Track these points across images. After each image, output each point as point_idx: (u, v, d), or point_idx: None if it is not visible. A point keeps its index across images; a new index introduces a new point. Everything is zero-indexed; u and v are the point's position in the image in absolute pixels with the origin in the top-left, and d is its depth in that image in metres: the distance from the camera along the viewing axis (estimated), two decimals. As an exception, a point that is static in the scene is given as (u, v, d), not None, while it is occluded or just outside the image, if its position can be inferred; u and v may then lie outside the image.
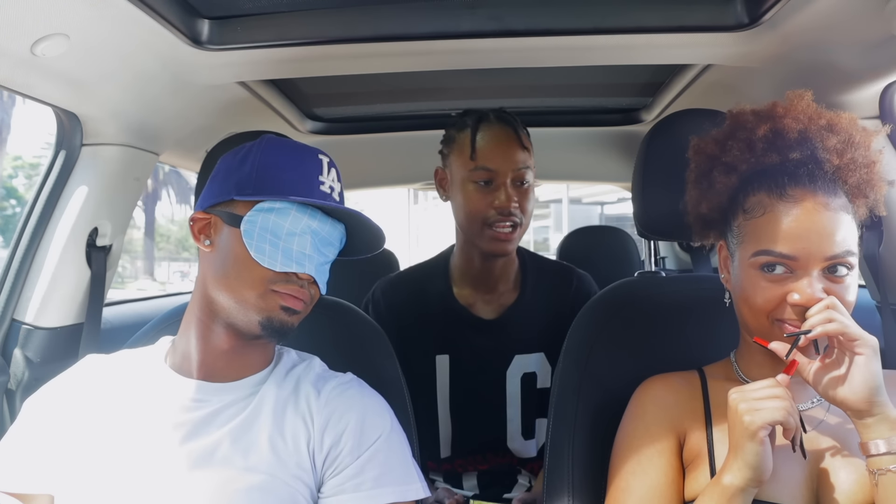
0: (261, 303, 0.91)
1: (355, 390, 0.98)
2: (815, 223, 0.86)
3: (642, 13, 1.26)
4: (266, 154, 0.95)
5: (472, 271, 1.54)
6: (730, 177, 0.96)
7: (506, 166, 1.42)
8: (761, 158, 0.94)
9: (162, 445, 0.90)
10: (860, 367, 0.81)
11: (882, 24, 1.02)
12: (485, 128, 1.46)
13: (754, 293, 0.89)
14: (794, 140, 0.92)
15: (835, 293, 0.85)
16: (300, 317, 0.95)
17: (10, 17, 0.95)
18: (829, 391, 0.83)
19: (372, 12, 1.27)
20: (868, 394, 0.80)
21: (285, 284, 0.91)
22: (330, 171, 0.97)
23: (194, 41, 1.27)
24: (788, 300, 0.86)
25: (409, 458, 0.96)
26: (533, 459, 1.58)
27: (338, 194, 0.98)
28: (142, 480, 0.88)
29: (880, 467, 0.80)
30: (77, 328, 1.43)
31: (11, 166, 5.02)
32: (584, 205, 15.13)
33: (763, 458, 0.80)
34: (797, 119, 0.93)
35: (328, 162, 0.98)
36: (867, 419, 0.81)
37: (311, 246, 0.93)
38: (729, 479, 0.82)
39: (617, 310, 1.21)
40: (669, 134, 1.25)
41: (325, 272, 0.97)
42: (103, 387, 0.96)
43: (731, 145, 0.96)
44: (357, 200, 18.36)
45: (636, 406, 1.01)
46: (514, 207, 1.41)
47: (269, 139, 0.98)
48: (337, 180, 0.99)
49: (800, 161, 0.91)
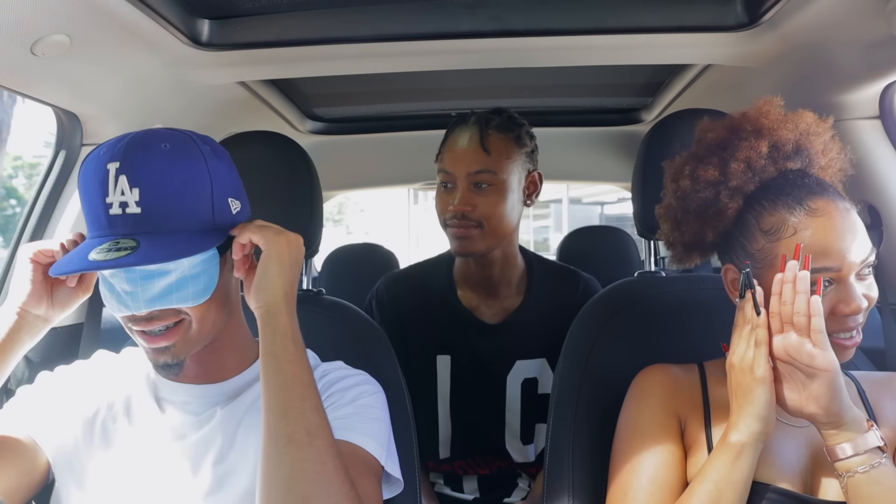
0: (139, 344, 0.88)
1: (347, 369, 1.00)
2: (847, 229, 0.85)
3: (642, 13, 1.26)
4: (78, 184, 0.86)
5: (470, 274, 1.53)
6: (736, 200, 0.93)
7: (460, 169, 1.40)
8: (761, 175, 0.92)
9: (156, 448, 0.91)
10: (824, 387, 0.80)
11: (882, 24, 1.02)
12: (455, 131, 1.45)
13: None
14: (790, 151, 0.91)
15: (868, 295, 0.86)
16: (181, 349, 0.87)
17: (10, 17, 0.95)
18: (796, 410, 0.83)
19: (372, 12, 1.28)
20: (833, 407, 0.80)
21: (138, 324, 0.85)
22: (118, 182, 0.79)
23: (194, 41, 1.27)
24: (837, 312, 0.85)
25: (387, 430, 0.95)
26: (532, 464, 1.57)
27: (136, 202, 0.79)
28: (137, 477, 0.89)
29: (848, 469, 0.80)
30: (77, 328, 1.43)
31: (11, 166, 5.02)
32: (584, 205, 15.13)
33: (771, 404, 0.82)
34: (790, 129, 0.91)
35: (116, 169, 0.79)
36: (833, 429, 0.81)
37: (128, 282, 0.82)
38: (736, 437, 0.83)
39: (617, 310, 1.21)
40: (669, 134, 1.25)
41: (166, 298, 0.82)
42: (107, 383, 0.98)
43: (735, 168, 0.92)
44: (357, 200, 18.38)
45: (637, 391, 1.01)
46: (469, 211, 1.39)
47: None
48: (130, 186, 0.79)
49: (800, 171, 0.90)
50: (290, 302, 0.84)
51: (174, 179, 0.81)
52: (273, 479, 0.76)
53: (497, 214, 1.40)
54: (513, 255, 1.52)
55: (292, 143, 1.28)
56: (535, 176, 1.49)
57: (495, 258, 1.48)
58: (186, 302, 0.84)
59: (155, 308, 0.82)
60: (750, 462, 0.83)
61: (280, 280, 0.83)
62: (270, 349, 0.82)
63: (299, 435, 0.77)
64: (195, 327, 0.86)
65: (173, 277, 0.82)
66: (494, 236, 1.42)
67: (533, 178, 1.48)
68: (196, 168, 0.83)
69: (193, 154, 0.83)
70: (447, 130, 1.48)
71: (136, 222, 0.79)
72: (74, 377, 0.99)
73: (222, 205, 0.85)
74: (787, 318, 0.81)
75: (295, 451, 0.76)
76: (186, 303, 0.84)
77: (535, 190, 1.50)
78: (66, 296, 0.90)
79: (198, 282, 0.84)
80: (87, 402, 0.95)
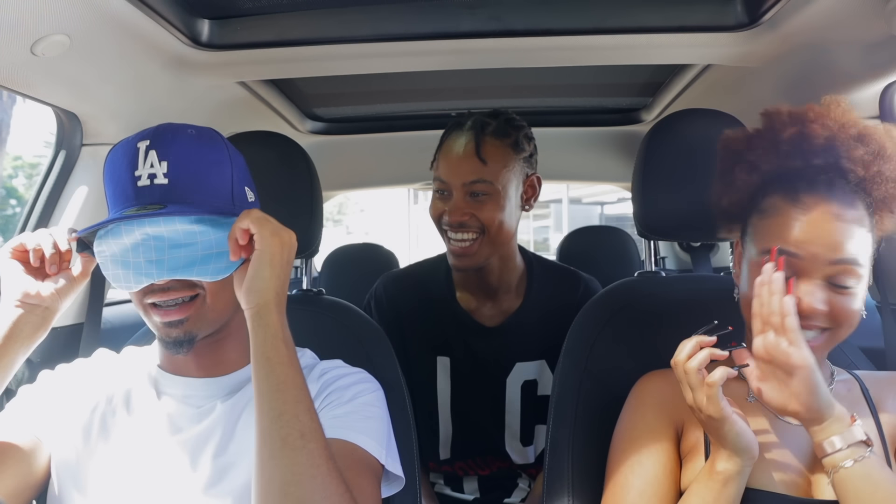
0: (149, 320, 0.91)
1: (346, 367, 1.01)
2: (822, 230, 0.86)
3: (642, 13, 1.26)
4: (104, 171, 0.91)
5: (468, 279, 1.52)
6: (751, 175, 0.95)
7: (455, 179, 1.38)
8: (784, 161, 0.92)
9: (156, 438, 0.92)
10: (801, 383, 0.81)
11: (882, 25, 1.02)
12: (450, 136, 1.42)
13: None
14: (819, 146, 0.90)
15: (837, 305, 0.86)
16: (194, 324, 0.89)
17: (10, 17, 0.95)
18: (781, 408, 0.84)
19: (372, 12, 1.28)
20: (813, 403, 0.81)
21: (153, 295, 0.88)
22: (148, 156, 0.85)
23: (194, 41, 1.27)
24: (799, 307, 0.85)
25: (386, 428, 0.96)
26: (532, 464, 1.57)
27: (164, 174, 0.85)
28: (137, 470, 0.89)
29: (834, 465, 0.81)
30: (77, 328, 1.43)
31: (11, 166, 5.02)
32: (584, 205, 15.13)
33: (745, 433, 0.83)
34: (825, 125, 0.90)
35: (147, 146, 0.86)
36: (816, 425, 0.83)
37: (155, 251, 0.85)
38: (723, 465, 0.84)
39: (617, 310, 1.21)
40: (669, 134, 1.25)
41: (189, 269, 0.86)
42: (108, 380, 0.99)
43: (756, 144, 0.95)
44: (357, 200, 18.37)
45: (635, 399, 1.02)
46: (467, 220, 1.37)
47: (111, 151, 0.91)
48: (159, 159, 0.85)
49: (821, 168, 0.90)
50: (281, 303, 0.83)
51: (200, 159, 0.87)
52: (269, 483, 0.76)
53: (495, 223, 1.38)
54: (510, 258, 1.50)
55: (292, 143, 1.28)
56: (533, 180, 1.46)
57: (493, 266, 1.47)
58: (206, 276, 0.86)
59: (176, 276, 0.85)
60: (738, 486, 0.84)
61: (272, 282, 0.82)
62: (262, 350, 0.81)
63: (293, 438, 0.77)
64: (208, 303, 0.89)
65: (199, 251, 0.85)
66: (493, 244, 1.40)
67: (531, 183, 1.45)
68: (219, 153, 0.90)
69: (217, 142, 0.90)
70: (443, 135, 1.45)
71: (163, 192, 0.84)
72: (75, 374, 1.00)
73: (240, 191, 0.91)
74: (766, 318, 0.83)
75: (289, 454, 0.76)
76: (206, 276, 0.86)
77: (534, 194, 1.47)
78: (65, 282, 0.91)
79: (220, 259, 0.86)
80: (88, 398, 0.96)
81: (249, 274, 0.82)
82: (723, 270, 1.42)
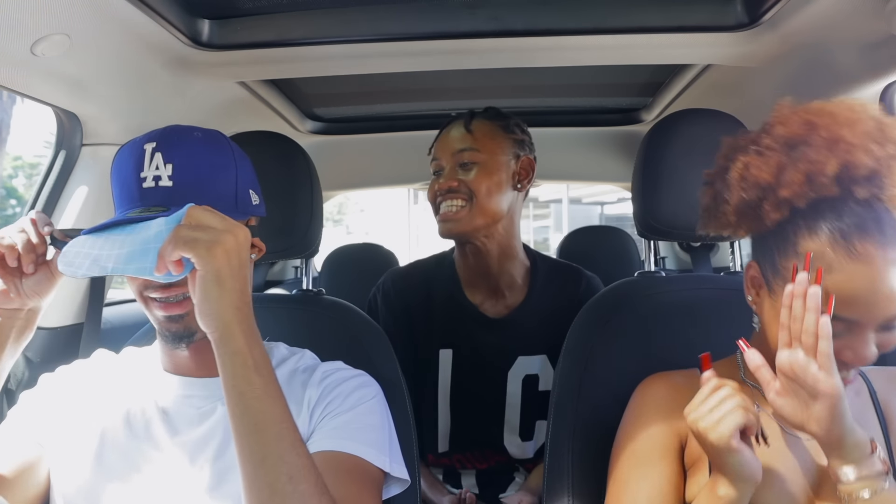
0: (150, 314, 0.90)
1: (348, 370, 1.00)
2: (884, 286, 0.75)
3: (642, 13, 1.26)
4: (111, 171, 0.91)
5: (470, 270, 1.54)
6: (781, 211, 0.84)
7: (446, 152, 1.48)
8: (819, 192, 0.80)
9: (156, 440, 0.91)
10: (826, 410, 0.75)
11: (882, 24, 1.02)
12: (445, 127, 1.53)
13: None
14: (862, 177, 0.79)
15: (885, 346, 0.80)
16: (194, 319, 0.80)
17: (10, 17, 0.95)
18: (798, 426, 0.79)
19: (372, 12, 1.28)
20: (834, 430, 0.76)
21: (154, 290, 0.87)
22: (153, 158, 0.85)
23: (194, 41, 1.27)
24: (841, 358, 0.78)
25: (388, 432, 0.95)
26: (530, 460, 1.58)
27: (168, 177, 0.84)
28: (137, 471, 0.89)
29: (850, 494, 0.77)
30: (77, 328, 1.43)
31: (11, 166, 5.03)
32: (584, 205, 15.13)
33: (749, 463, 0.77)
34: (870, 152, 0.78)
35: (153, 148, 0.86)
36: (834, 450, 0.78)
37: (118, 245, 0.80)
38: (724, 490, 0.79)
39: (617, 309, 1.21)
40: (669, 134, 1.25)
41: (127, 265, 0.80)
42: (107, 382, 0.98)
43: (791, 178, 0.81)
44: (357, 200, 18.37)
45: (636, 406, 0.98)
46: (456, 185, 1.44)
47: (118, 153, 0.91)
48: (165, 161, 0.85)
49: (865, 200, 0.79)
50: (244, 319, 0.75)
51: (205, 162, 0.87)
52: None
53: (482, 189, 1.43)
54: (510, 247, 1.52)
55: (292, 143, 1.28)
56: (525, 161, 1.49)
57: (490, 249, 1.48)
58: (143, 273, 0.79)
59: (108, 273, 0.81)
60: None
61: (225, 300, 0.73)
62: (233, 385, 0.73)
63: (282, 483, 0.72)
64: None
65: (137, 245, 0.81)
66: (482, 213, 1.44)
67: (524, 163, 1.49)
68: (224, 156, 0.90)
69: (223, 145, 0.90)
70: (439, 131, 1.54)
71: (167, 194, 0.84)
72: (75, 377, 0.99)
73: (244, 194, 0.92)
74: (796, 334, 0.76)
75: (279, 502, 0.72)
76: (144, 274, 0.79)
77: (528, 175, 1.50)
78: (40, 281, 0.88)
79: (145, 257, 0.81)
80: (88, 401, 0.96)
81: (198, 298, 0.74)
82: (723, 270, 1.42)
